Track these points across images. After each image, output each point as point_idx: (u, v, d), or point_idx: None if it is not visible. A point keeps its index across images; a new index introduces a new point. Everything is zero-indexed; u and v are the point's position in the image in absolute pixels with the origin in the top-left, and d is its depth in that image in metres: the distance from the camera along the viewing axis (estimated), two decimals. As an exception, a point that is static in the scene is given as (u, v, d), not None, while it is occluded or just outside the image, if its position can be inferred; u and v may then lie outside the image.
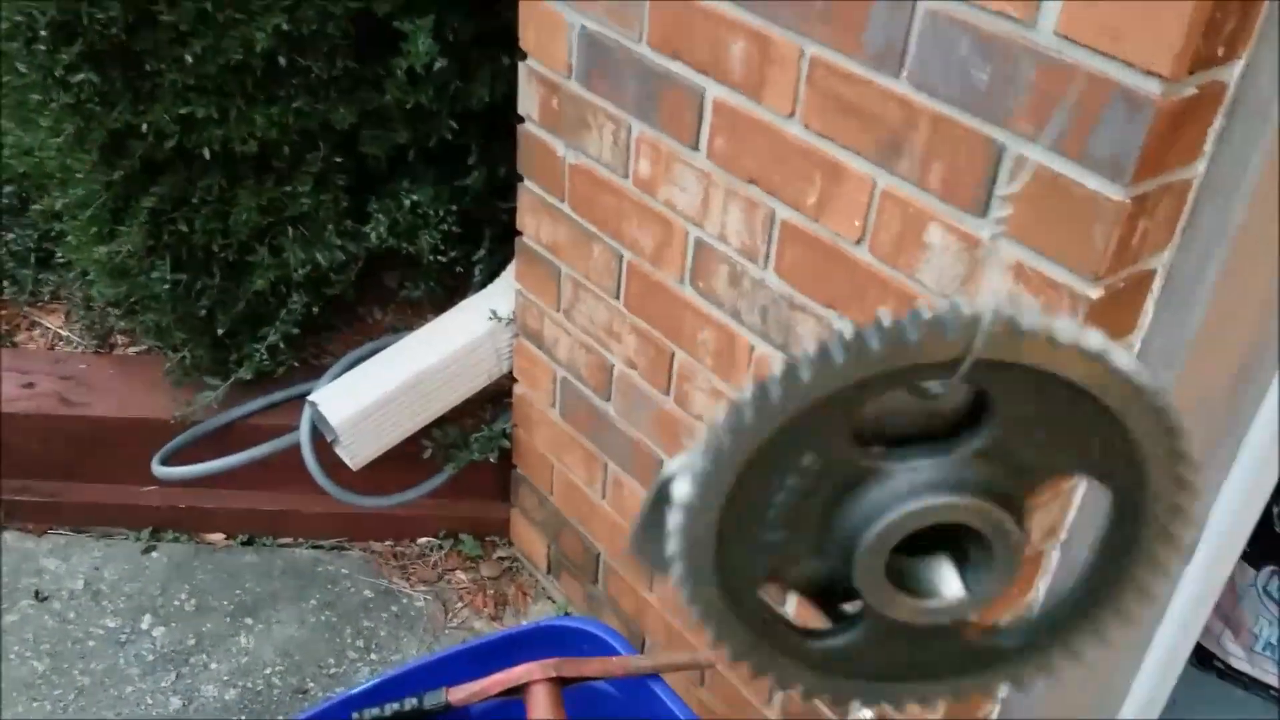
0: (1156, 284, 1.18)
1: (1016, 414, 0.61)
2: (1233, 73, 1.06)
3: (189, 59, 1.82)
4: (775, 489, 0.63)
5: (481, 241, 2.27)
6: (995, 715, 1.55)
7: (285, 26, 1.82)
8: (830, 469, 0.62)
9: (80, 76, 1.80)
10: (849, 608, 0.69)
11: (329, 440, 2.07)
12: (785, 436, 0.60)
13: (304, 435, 2.08)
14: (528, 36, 1.75)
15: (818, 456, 0.62)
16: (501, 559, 2.36)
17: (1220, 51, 1.02)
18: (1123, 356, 0.59)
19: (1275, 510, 2.00)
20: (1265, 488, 1.58)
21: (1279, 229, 1.23)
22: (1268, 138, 1.11)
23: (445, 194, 2.17)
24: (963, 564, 0.65)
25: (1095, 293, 1.10)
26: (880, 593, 0.64)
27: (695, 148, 1.52)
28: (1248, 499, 1.57)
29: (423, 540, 2.36)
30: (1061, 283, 1.12)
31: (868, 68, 1.24)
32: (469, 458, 2.20)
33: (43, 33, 1.77)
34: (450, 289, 2.33)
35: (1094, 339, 0.59)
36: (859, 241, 1.33)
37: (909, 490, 0.62)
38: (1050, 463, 0.64)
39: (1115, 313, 1.16)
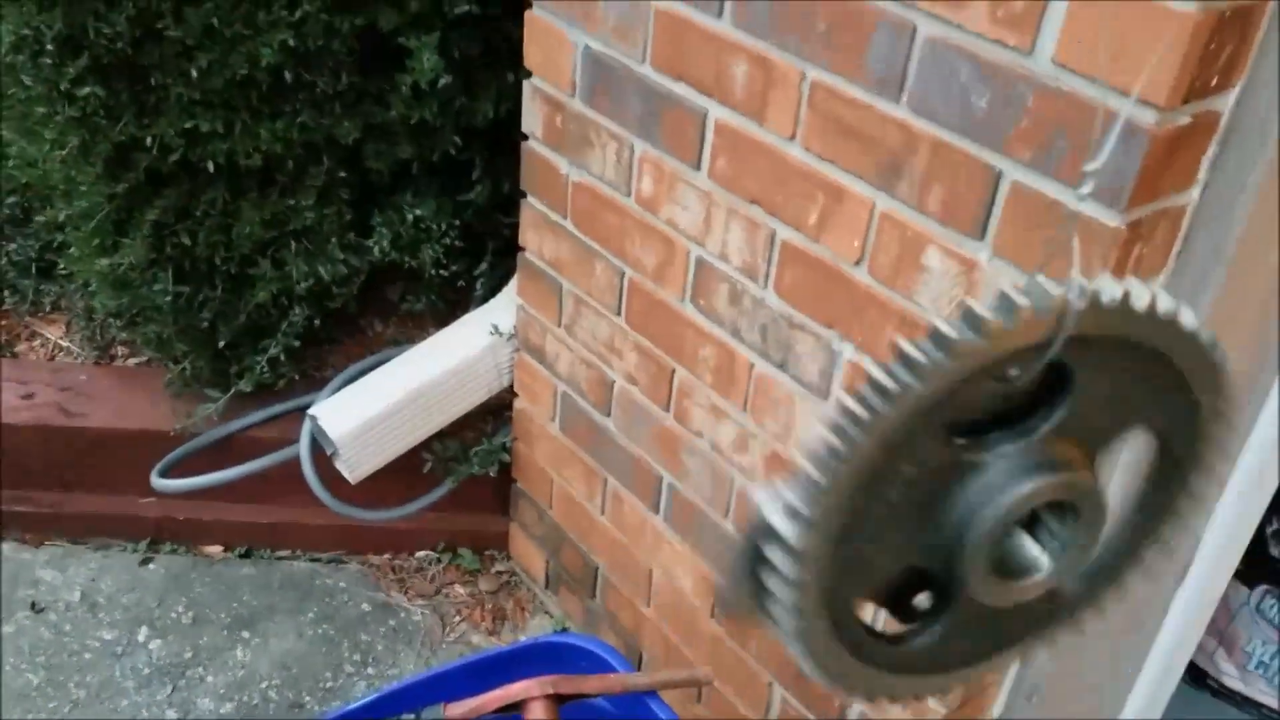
0: (1152, 308, 1.20)
1: (1092, 384, 0.62)
2: (1227, 101, 1.08)
3: (194, 73, 1.83)
4: (876, 506, 0.63)
5: (484, 255, 2.28)
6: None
7: (291, 42, 1.83)
8: (928, 472, 0.62)
9: (86, 90, 1.81)
10: (921, 600, 0.70)
11: (328, 453, 2.07)
12: (884, 454, 0.60)
13: (303, 449, 2.08)
14: (532, 55, 1.77)
15: (916, 464, 0.62)
16: (500, 573, 2.37)
17: (1214, 81, 1.04)
18: (1188, 315, 0.61)
19: (1269, 530, 2.02)
20: (1258, 507, 1.59)
21: (1274, 254, 1.24)
22: (1261, 164, 1.13)
23: (448, 208, 2.18)
24: (1037, 537, 0.66)
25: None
26: (986, 582, 0.65)
27: (697, 168, 1.54)
28: (1241, 518, 1.59)
29: (421, 554, 2.37)
30: (1059, 306, 1.13)
31: (869, 92, 1.25)
32: (468, 471, 2.20)
33: (49, 46, 1.78)
34: (452, 302, 2.34)
35: (1166, 301, 0.60)
36: (858, 262, 1.35)
37: (1006, 477, 0.62)
38: (1119, 423, 0.66)
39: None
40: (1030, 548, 0.65)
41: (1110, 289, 0.59)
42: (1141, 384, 0.64)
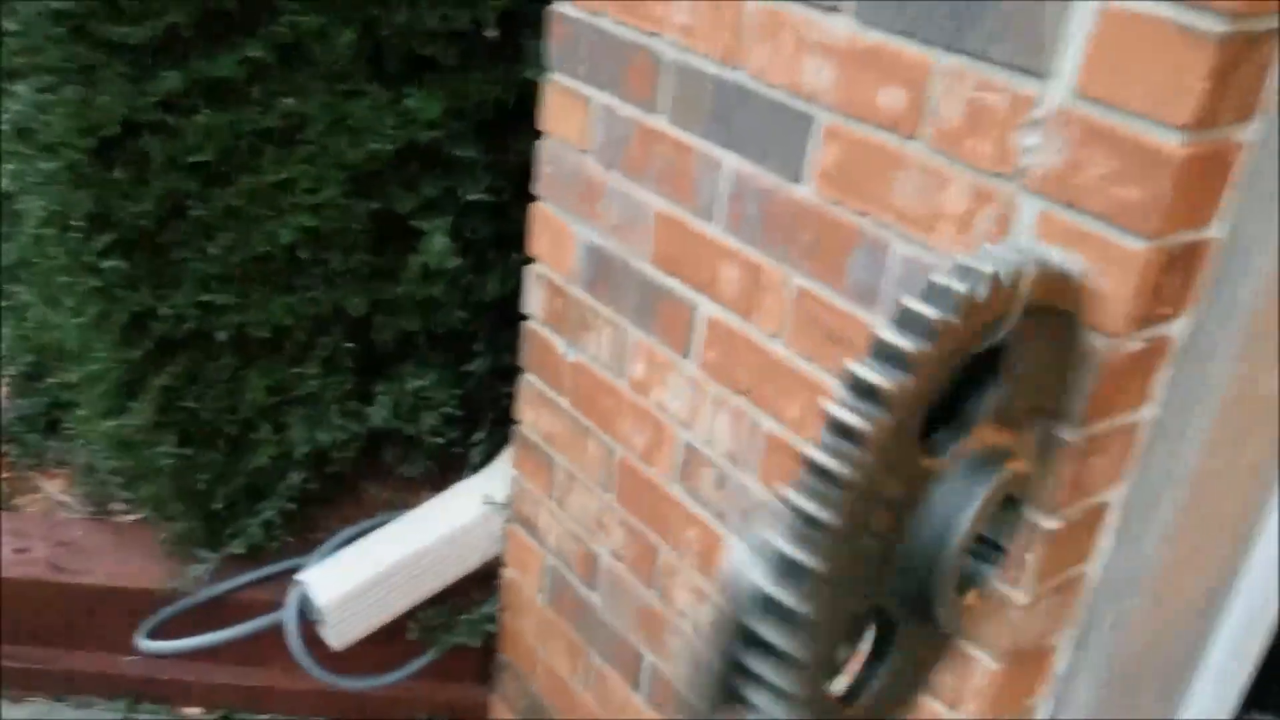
0: (1111, 516, 1.25)
1: (1024, 365, 0.58)
2: (1180, 328, 1.16)
3: (215, 250, 1.93)
4: (865, 541, 0.55)
5: (481, 424, 2.34)
6: None
7: (310, 223, 1.94)
8: (906, 487, 0.55)
9: (109, 263, 1.90)
10: (841, 653, 0.63)
11: (314, 620, 2.08)
12: (876, 472, 0.53)
13: (289, 616, 2.09)
14: (538, 244, 1.87)
15: (900, 481, 0.55)
16: (480, 746, 2.34)
17: (1166, 310, 1.12)
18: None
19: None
20: (1228, 709, 1.61)
21: (1233, 469, 1.30)
22: (1214, 385, 1.20)
23: (449, 378, 2.25)
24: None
25: (1053, 524, 1.16)
26: (953, 600, 0.58)
27: (688, 357, 1.62)
28: (1212, 716, 1.60)
29: (401, 723, 2.35)
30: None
31: (849, 301, 1.34)
32: (453, 640, 2.21)
33: (78, 222, 1.88)
34: (447, 467, 2.39)
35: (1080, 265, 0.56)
36: (839, 457, 1.41)
37: (967, 479, 0.56)
38: (1033, 408, 0.62)
39: (1072, 543, 1.23)
40: (978, 544, 0.59)
41: (1052, 254, 0.55)
42: (1056, 360, 0.58)
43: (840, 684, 0.64)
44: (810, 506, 0.52)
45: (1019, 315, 0.55)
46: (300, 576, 2.09)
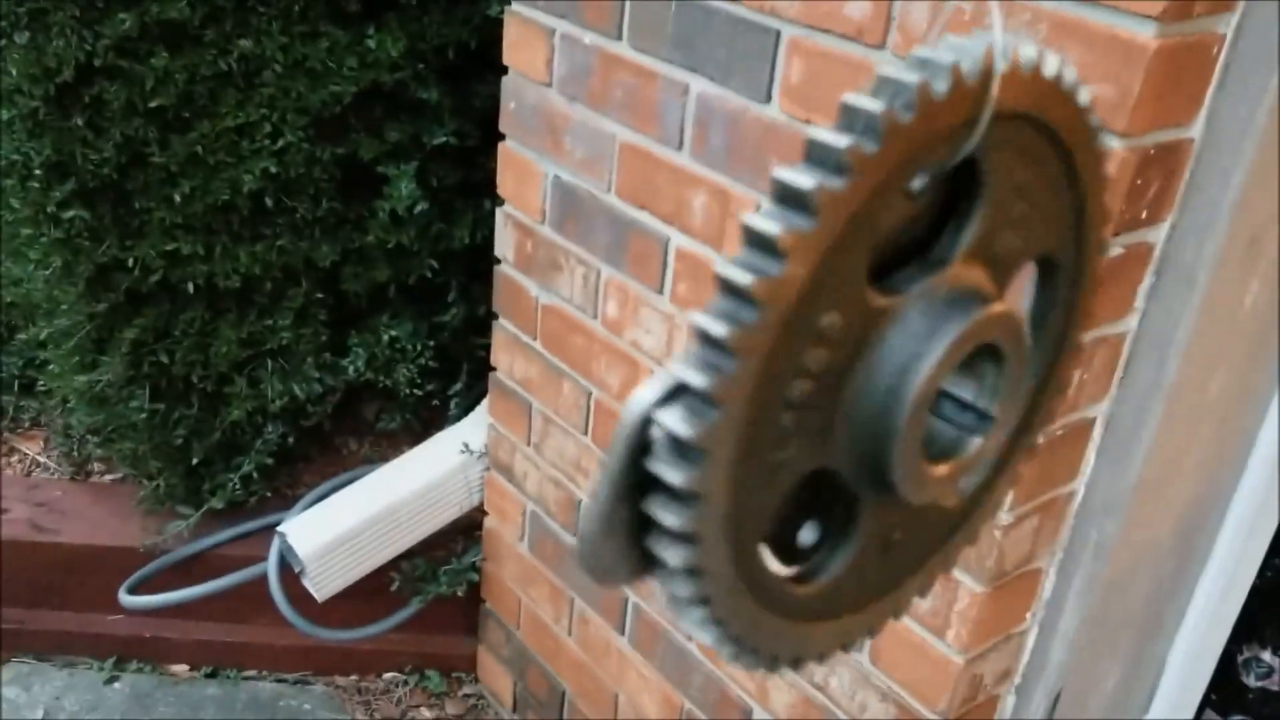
0: (1096, 432, 1.22)
1: (1001, 188, 0.50)
2: (1159, 234, 1.12)
3: (178, 198, 1.89)
4: (794, 385, 0.46)
5: (458, 375, 2.31)
6: None
7: (273, 170, 1.89)
8: (847, 329, 0.46)
9: (71, 213, 1.86)
10: (805, 535, 0.54)
11: (296, 571, 2.06)
12: (803, 304, 0.44)
13: (271, 567, 2.07)
14: (505, 184, 1.83)
15: (840, 313, 0.46)
16: (467, 696, 2.33)
17: (1144, 215, 1.08)
18: (1083, 90, 0.51)
19: (1239, 659, 2.00)
20: (1220, 636, 1.59)
21: (1214, 382, 1.27)
22: (1194, 297, 1.17)
23: (424, 329, 2.22)
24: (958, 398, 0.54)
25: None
26: (916, 468, 0.49)
27: (660, 292, 1.58)
28: (1203, 644, 1.58)
29: (388, 675, 2.33)
30: (1002, 431, 1.16)
31: (818, 222, 1.30)
32: (436, 591, 2.19)
33: (37, 171, 1.84)
34: (426, 421, 2.36)
35: (1068, 69, 0.49)
36: (813, 386, 1.38)
37: (930, 323, 0.47)
38: (1022, 247, 0.53)
39: (1056, 460, 1.20)
40: (960, 411, 0.52)
41: (1025, 49, 0.46)
42: (1044, 187, 0.51)
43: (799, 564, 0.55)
44: (719, 329, 0.42)
45: (988, 122, 0.46)
46: (281, 528, 2.07)
